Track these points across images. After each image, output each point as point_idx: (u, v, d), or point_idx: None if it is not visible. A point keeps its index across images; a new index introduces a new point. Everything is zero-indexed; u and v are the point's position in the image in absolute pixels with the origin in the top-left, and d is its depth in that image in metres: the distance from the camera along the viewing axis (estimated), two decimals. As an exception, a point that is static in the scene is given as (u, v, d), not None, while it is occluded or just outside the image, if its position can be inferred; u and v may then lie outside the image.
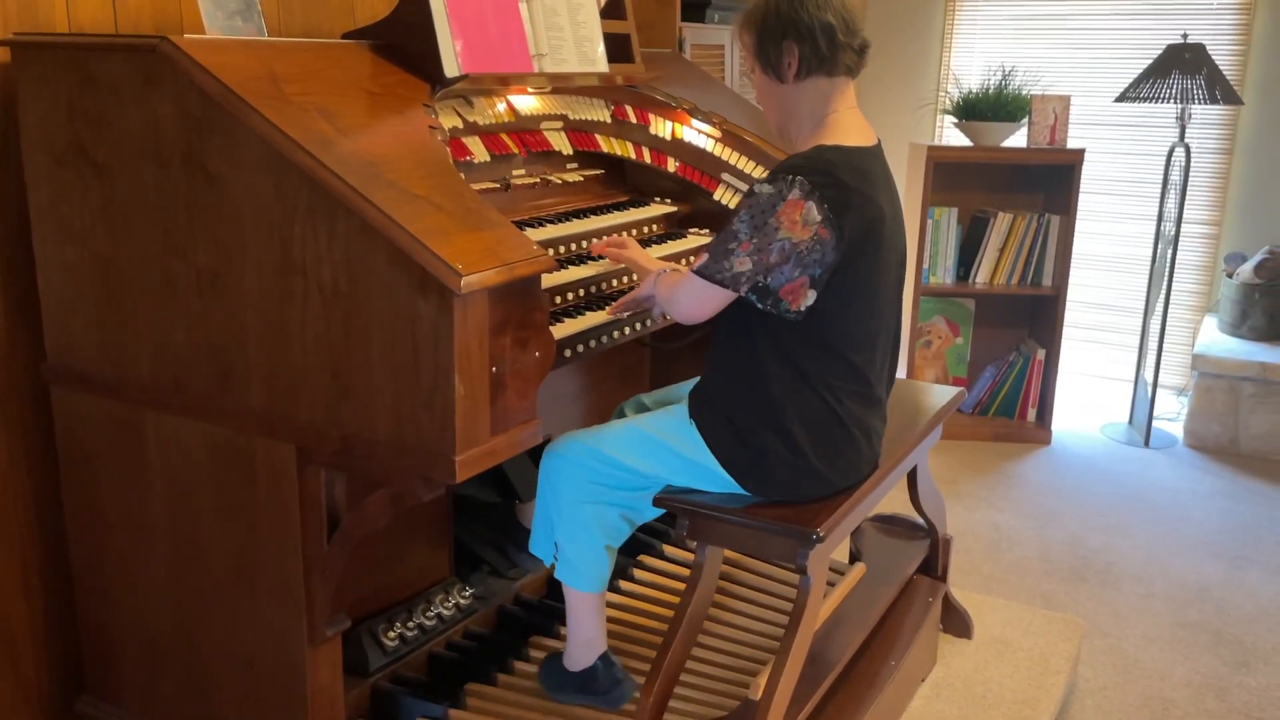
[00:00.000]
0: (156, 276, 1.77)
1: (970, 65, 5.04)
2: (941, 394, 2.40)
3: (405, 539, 2.27)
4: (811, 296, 1.81)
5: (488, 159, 2.19)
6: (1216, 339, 4.48)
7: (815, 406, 1.88)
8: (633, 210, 2.53)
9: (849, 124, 1.89)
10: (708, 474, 1.92)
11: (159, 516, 1.90)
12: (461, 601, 2.33)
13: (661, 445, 1.94)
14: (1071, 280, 4.32)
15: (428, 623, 2.24)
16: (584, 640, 2.07)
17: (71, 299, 1.88)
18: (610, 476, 1.97)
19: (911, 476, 2.38)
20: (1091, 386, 5.06)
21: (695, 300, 1.88)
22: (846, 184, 1.79)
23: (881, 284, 1.90)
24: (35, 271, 1.92)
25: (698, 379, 2.20)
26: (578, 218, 2.37)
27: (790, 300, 1.81)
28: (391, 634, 2.15)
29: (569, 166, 2.53)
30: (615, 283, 2.24)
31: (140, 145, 1.73)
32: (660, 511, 2.06)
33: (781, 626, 2.39)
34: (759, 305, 1.83)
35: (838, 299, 1.83)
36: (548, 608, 2.47)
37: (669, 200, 2.65)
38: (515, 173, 2.36)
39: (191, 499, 1.85)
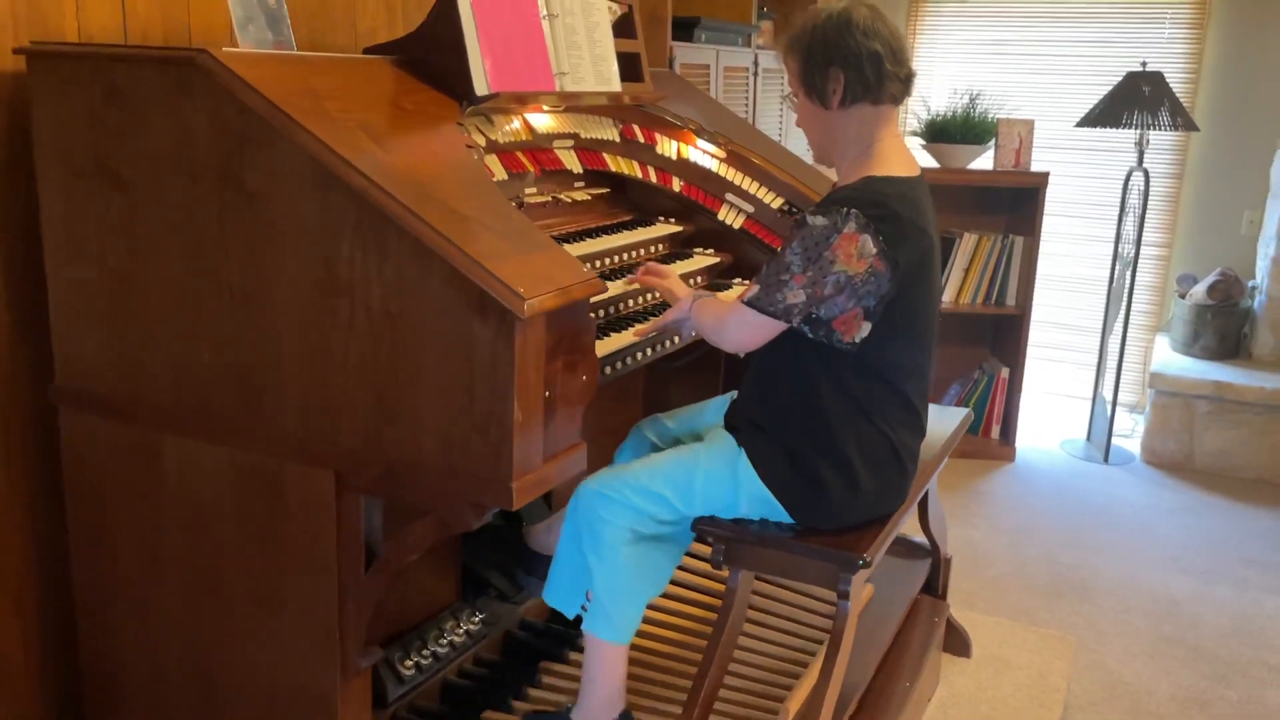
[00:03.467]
0: (183, 295, 1.70)
1: (931, 89, 5.12)
2: (951, 416, 2.43)
3: (414, 564, 2.21)
4: (866, 328, 1.81)
5: (504, 177, 2.16)
6: (1171, 358, 4.60)
7: (874, 439, 1.88)
8: (640, 230, 2.51)
9: (894, 153, 1.89)
10: (753, 502, 1.90)
11: (175, 544, 1.83)
12: (471, 628, 2.28)
13: (709, 475, 1.90)
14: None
15: (440, 650, 2.18)
16: (605, 697, 1.95)
17: (86, 318, 1.80)
18: (655, 512, 1.89)
19: (921, 498, 2.39)
20: (1049, 403, 5.16)
21: (746, 331, 1.86)
22: (900, 215, 1.79)
23: (929, 313, 1.91)
24: (44, 289, 1.84)
25: (725, 400, 2.18)
26: (590, 237, 2.34)
27: (843, 331, 1.80)
28: (408, 663, 2.09)
29: (577, 185, 2.50)
30: (631, 303, 2.22)
31: (169, 159, 1.66)
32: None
33: (789, 645, 2.38)
34: (810, 335, 1.82)
35: (891, 329, 1.83)
36: (554, 632, 2.43)
37: (672, 220, 2.64)
38: (528, 190, 2.33)
39: (213, 527, 1.78)
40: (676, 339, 2.13)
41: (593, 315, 2.08)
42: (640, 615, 1.93)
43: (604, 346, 1.96)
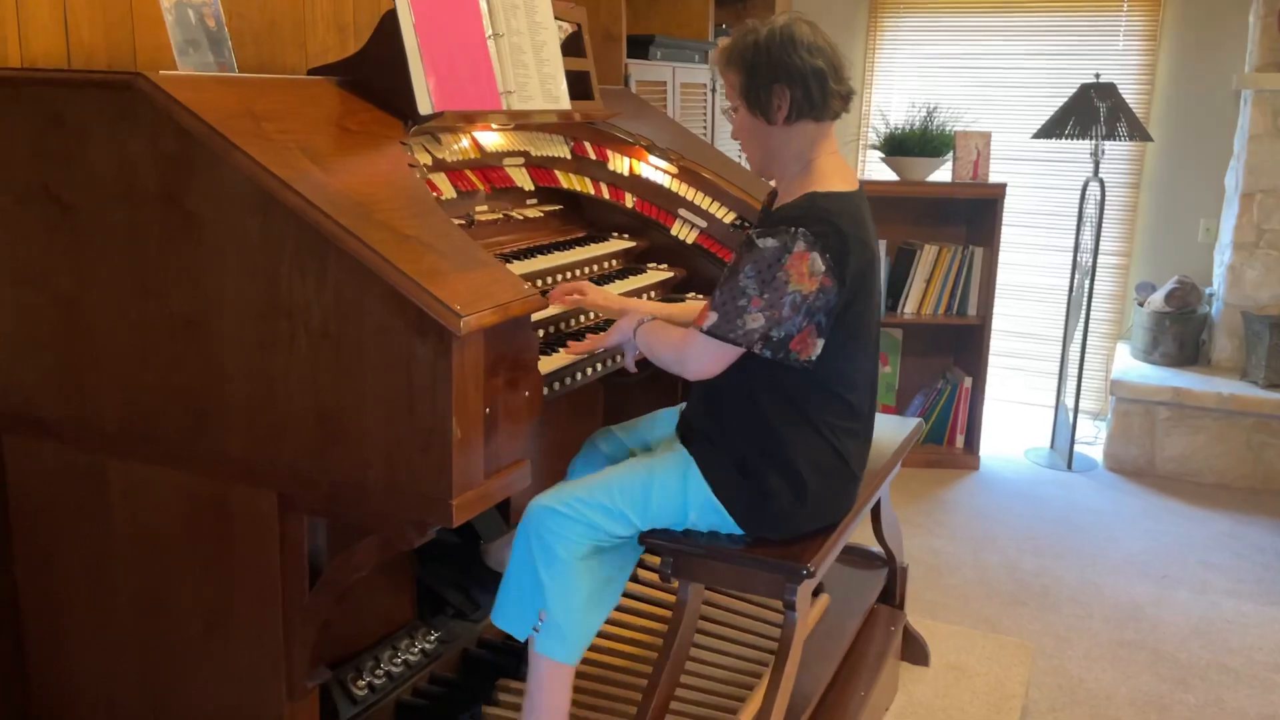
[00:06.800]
0: (127, 319, 1.70)
1: (890, 102, 5.17)
2: (903, 426, 2.45)
3: (369, 583, 2.21)
4: (819, 345, 1.83)
5: (454, 196, 2.18)
6: (1131, 365, 4.65)
7: (821, 448, 1.89)
8: (593, 246, 2.53)
9: (834, 169, 1.91)
10: (702, 512, 1.91)
11: (122, 568, 1.82)
12: (426, 646, 2.28)
13: (662, 488, 1.90)
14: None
15: (394, 670, 2.18)
16: (552, 717, 1.93)
17: (28, 343, 1.80)
18: (609, 527, 1.89)
19: (875, 507, 2.41)
20: (1013, 412, 5.20)
21: (709, 359, 1.86)
22: (845, 231, 1.80)
23: (871, 323, 1.93)
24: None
25: (675, 411, 2.19)
26: (542, 254, 2.36)
27: (800, 351, 1.82)
28: (360, 683, 2.09)
29: (529, 202, 2.52)
30: (579, 320, 2.23)
31: (111, 184, 1.66)
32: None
33: (744, 657, 2.39)
34: (768, 356, 1.83)
35: (836, 341, 1.85)
36: (512, 649, 2.43)
37: (626, 235, 2.66)
38: (479, 209, 2.34)
39: (160, 550, 1.78)
40: (619, 357, 2.13)
41: (540, 333, 2.10)
42: (594, 633, 1.92)
43: (549, 364, 1.97)
